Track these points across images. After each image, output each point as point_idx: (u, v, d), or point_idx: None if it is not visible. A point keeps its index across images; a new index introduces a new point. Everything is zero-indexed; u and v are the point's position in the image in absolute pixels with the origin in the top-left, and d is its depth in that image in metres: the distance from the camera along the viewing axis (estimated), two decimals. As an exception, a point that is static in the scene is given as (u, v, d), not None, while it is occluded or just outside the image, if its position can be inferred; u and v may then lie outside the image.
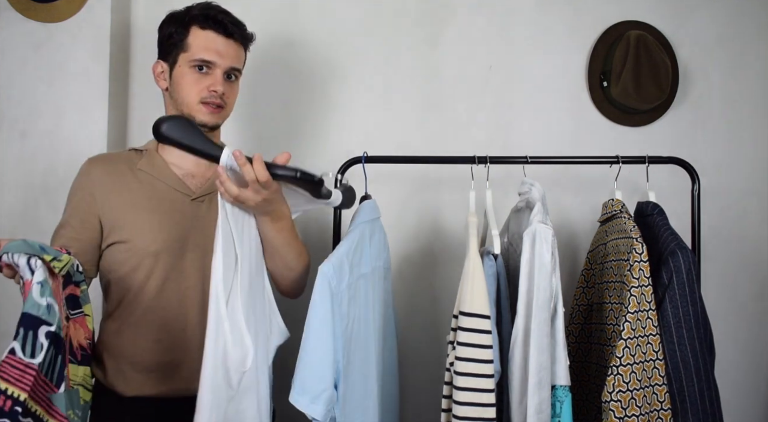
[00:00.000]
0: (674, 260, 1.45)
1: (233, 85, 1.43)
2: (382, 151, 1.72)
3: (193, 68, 1.37)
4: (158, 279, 1.35)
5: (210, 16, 1.37)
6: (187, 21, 1.38)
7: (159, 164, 1.42)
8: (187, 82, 1.37)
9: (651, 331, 1.41)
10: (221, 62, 1.37)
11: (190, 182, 1.42)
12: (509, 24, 2.08)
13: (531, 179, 1.53)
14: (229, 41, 1.39)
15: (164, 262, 1.35)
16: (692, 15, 2.11)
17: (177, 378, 1.34)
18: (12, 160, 1.83)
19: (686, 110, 2.10)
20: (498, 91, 2.06)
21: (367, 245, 1.45)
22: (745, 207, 2.09)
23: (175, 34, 1.39)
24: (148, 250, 1.34)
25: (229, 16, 1.40)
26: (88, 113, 1.86)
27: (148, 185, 1.39)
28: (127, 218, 1.36)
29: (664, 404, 1.42)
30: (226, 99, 1.40)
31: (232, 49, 1.39)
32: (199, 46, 1.37)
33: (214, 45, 1.37)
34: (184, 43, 1.38)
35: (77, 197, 1.39)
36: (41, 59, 1.85)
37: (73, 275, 1.21)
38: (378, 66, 2.05)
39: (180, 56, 1.38)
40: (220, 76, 1.38)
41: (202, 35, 1.37)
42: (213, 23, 1.37)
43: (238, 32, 1.40)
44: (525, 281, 1.39)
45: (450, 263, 1.97)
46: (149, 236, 1.35)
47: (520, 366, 1.38)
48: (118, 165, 1.41)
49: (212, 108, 1.38)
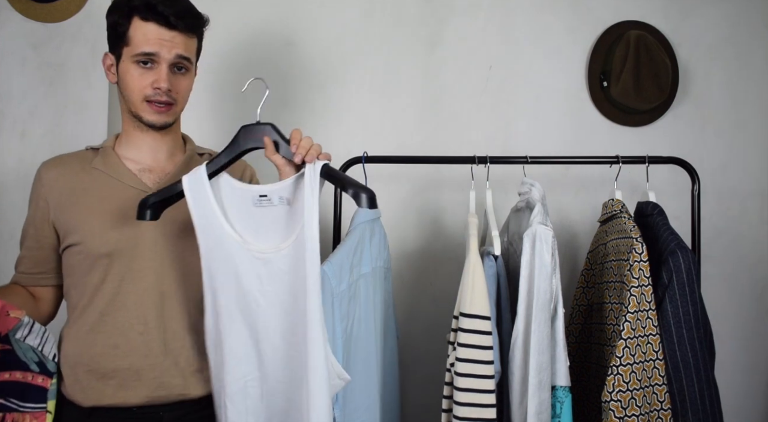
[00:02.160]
0: (674, 259, 1.45)
1: (183, 77, 1.31)
2: (382, 151, 1.72)
3: (136, 63, 1.27)
4: (114, 281, 1.28)
5: (151, 6, 1.25)
6: (128, 11, 1.27)
7: (113, 161, 1.34)
8: (131, 77, 1.28)
9: (651, 331, 1.42)
10: (165, 54, 1.26)
11: (146, 177, 1.34)
12: (509, 24, 2.08)
13: (531, 179, 1.53)
14: (173, 33, 1.27)
15: (119, 263, 1.28)
16: (692, 15, 2.11)
17: (137, 384, 1.26)
18: (12, 160, 1.83)
19: (686, 110, 2.10)
20: (498, 91, 2.06)
21: (367, 245, 1.45)
22: (745, 207, 2.09)
23: (117, 24, 1.28)
24: (100, 251, 1.27)
25: (174, 6, 1.27)
26: (88, 113, 1.85)
27: (102, 183, 1.32)
28: (78, 220, 1.29)
29: (664, 404, 1.42)
30: (175, 95, 1.30)
31: (177, 41, 1.27)
32: (141, 39, 1.25)
33: (157, 38, 1.25)
34: (126, 36, 1.27)
35: (32, 204, 1.35)
36: (41, 59, 1.85)
37: (46, 362, 1.19)
38: (378, 66, 2.05)
39: (123, 50, 1.28)
40: (164, 70, 1.27)
41: (143, 28, 1.25)
42: (154, 14, 1.25)
43: (182, 24, 1.27)
44: (525, 282, 1.39)
45: (450, 263, 1.97)
46: (101, 237, 1.27)
47: (520, 367, 1.38)
48: (71, 166, 1.35)
49: (158, 107, 1.28)
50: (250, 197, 1.22)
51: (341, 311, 1.28)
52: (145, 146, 1.36)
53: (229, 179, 1.24)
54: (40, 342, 1.20)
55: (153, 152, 1.36)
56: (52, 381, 1.19)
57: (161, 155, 1.37)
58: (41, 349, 1.20)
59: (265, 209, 1.21)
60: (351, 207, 1.57)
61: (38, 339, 1.20)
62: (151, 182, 1.34)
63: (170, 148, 1.39)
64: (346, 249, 1.36)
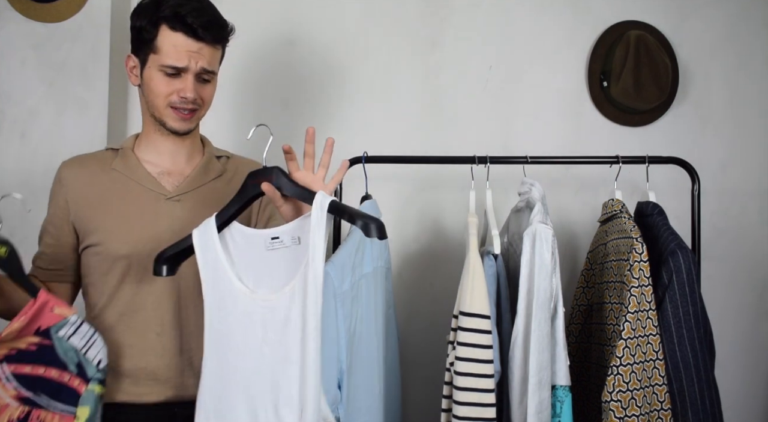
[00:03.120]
0: (674, 259, 1.45)
1: (207, 86, 1.34)
2: (382, 151, 1.72)
3: (163, 72, 1.29)
4: (132, 283, 1.31)
5: (180, 17, 1.26)
6: (156, 19, 1.27)
7: (132, 163, 1.36)
8: (156, 84, 1.29)
9: (651, 331, 1.42)
10: (193, 66, 1.28)
11: (165, 180, 1.36)
12: (509, 24, 2.08)
13: (531, 179, 1.53)
14: (201, 44, 1.28)
15: (137, 265, 1.30)
16: (692, 15, 2.11)
17: (152, 383, 1.30)
18: (12, 160, 1.83)
19: (686, 110, 2.10)
20: (498, 91, 2.06)
21: (368, 245, 1.45)
22: (745, 207, 2.09)
23: (144, 30, 1.29)
24: (119, 253, 1.30)
25: (202, 16, 1.28)
26: (88, 112, 1.85)
27: (121, 185, 1.34)
28: (98, 221, 1.32)
29: (664, 404, 1.42)
30: (200, 102, 1.32)
31: (204, 52, 1.29)
32: (169, 50, 1.27)
33: (185, 48, 1.27)
34: (153, 43, 1.28)
35: (52, 203, 1.37)
36: (41, 59, 1.85)
37: (86, 366, 1.18)
38: (378, 66, 2.05)
39: (150, 57, 1.29)
40: (191, 80, 1.29)
41: (171, 38, 1.27)
42: (183, 26, 1.26)
43: (210, 36, 1.29)
44: (525, 281, 1.39)
45: (450, 263, 1.96)
46: (120, 239, 1.30)
47: (520, 366, 1.38)
48: (90, 167, 1.37)
49: (183, 114, 1.31)
50: (262, 241, 1.16)
51: (344, 311, 1.29)
52: (166, 150, 1.37)
53: (240, 227, 1.19)
54: (85, 345, 1.19)
55: (173, 156, 1.38)
56: (87, 387, 1.18)
57: (180, 158, 1.39)
58: (84, 352, 1.19)
59: (277, 251, 1.15)
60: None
61: (83, 341, 1.19)
62: (169, 186, 1.36)
63: (189, 151, 1.40)
64: (348, 249, 1.36)
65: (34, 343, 1.16)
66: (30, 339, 1.16)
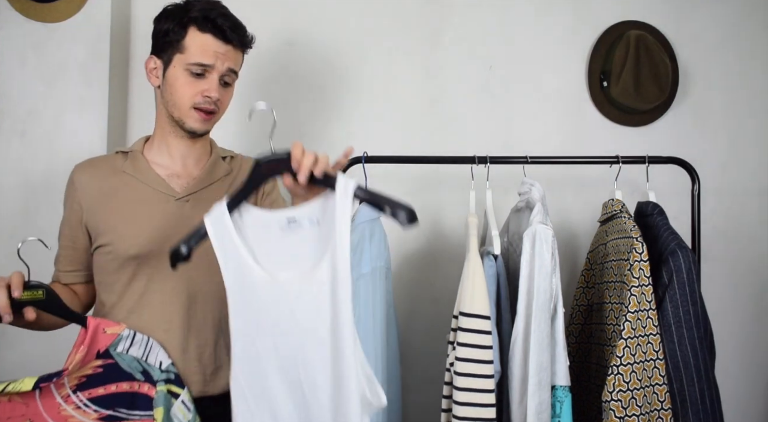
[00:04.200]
0: (674, 259, 1.45)
1: (228, 90, 1.38)
2: (382, 151, 1.72)
3: (189, 72, 1.32)
4: (141, 281, 1.33)
5: (210, 18, 1.31)
6: (185, 21, 1.32)
7: (142, 166, 1.39)
8: (181, 84, 1.33)
9: (651, 331, 1.42)
10: (219, 66, 1.33)
11: (174, 182, 1.39)
12: (509, 24, 2.08)
13: (531, 179, 1.53)
14: (228, 47, 1.33)
15: (147, 265, 1.33)
16: (692, 15, 2.11)
17: None
18: (12, 160, 1.83)
19: (686, 110, 2.10)
20: (498, 91, 2.06)
21: (367, 245, 1.45)
22: (745, 207, 2.09)
23: (171, 32, 1.32)
24: (128, 253, 1.32)
25: (230, 20, 1.34)
26: (88, 112, 1.85)
27: (131, 187, 1.37)
28: (108, 223, 1.34)
29: (664, 403, 1.42)
30: (220, 105, 1.36)
31: (230, 55, 1.34)
32: (197, 49, 1.31)
33: (213, 48, 1.32)
34: (180, 44, 1.32)
35: (66, 206, 1.41)
36: (41, 59, 1.85)
37: (151, 371, 1.24)
38: (378, 66, 2.05)
39: (175, 57, 1.33)
40: (216, 81, 1.33)
41: (200, 38, 1.31)
42: (212, 27, 1.31)
43: (237, 38, 1.34)
44: (525, 281, 1.40)
45: (450, 263, 1.97)
46: (129, 239, 1.32)
47: (520, 367, 1.38)
48: (102, 169, 1.40)
49: (204, 114, 1.34)
50: (276, 222, 1.14)
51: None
52: (177, 152, 1.40)
53: (251, 209, 1.17)
54: (144, 352, 1.26)
55: (183, 158, 1.41)
56: (156, 389, 1.23)
57: (190, 160, 1.41)
58: (146, 358, 1.26)
59: (296, 234, 1.13)
60: (351, 207, 1.57)
61: (141, 348, 1.26)
62: (178, 187, 1.38)
63: (200, 153, 1.43)
64: (347, 249, 1.36)
65: (99, 366, 1.22)
66: (94, 363, 1.22)
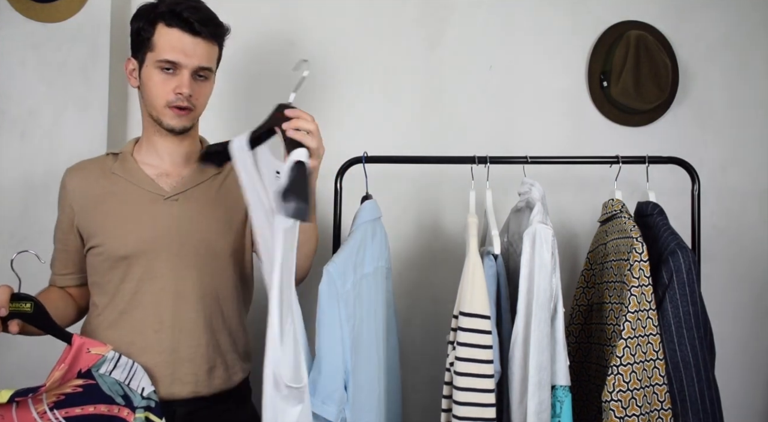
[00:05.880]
0: (674, 259, 1.45)
1: (203, 85, 1.36)
2: (382, 151, 1.72)
3: (159, 69, 1.31)
4: (132, 282, 1.33)
5: (176, 12, 1.29)
6: (153, 18, 1.30)
7: (131, 166, 1.39)
8: (154, 83, 1.32)
9: (651, 331, 1.42)
10: (188, 62, 1.30)
11: (163, 181, 1.39)
12: (509, 24, 2.08)
13: (531, 179, 1.53)
14: (197, 40, 1.30)
15: (137, 265, 1.33)
16: (692, 15, 2.11)
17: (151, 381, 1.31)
18: (12, 160, 1.83)
19: (686, 110, 2.10)
20: (498, 91, 2.06)
21: (369, 245, 1.45)
22: (745, 207, 2.09)
23: (142, 30, 1.32)
24: (119, 253, 1.33)
25: (198, 13, 1.31)
26: (88, 112, 1.85)
27: (121, 188, 1.38)
28: (99, 224, 1.35)
29: (664, 404, 1.42)
30: (195, 101, 1.34)
31: (200, 48, 1.31)
32: (164, 46, 1.29)
33: (180, 44, 1.29)
34: (150, 41, 1.31)
35: (59, 209, 1.42)
36: (41, 59, 1.85)
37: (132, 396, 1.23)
38: (378, 66, 2.05)
39: (147, 55, 1.32)
40: (187, 77, 1.31)
41: (168, 34, 1.29)
42: (179, 21, 1.29)
43: (206, 31, 1.31)
44: (525, 281, 1.39)
45: (450, 263, 1.97)
46: (119, 240, 1.33)
47: (520, 366, 1.38)
48: (92, 172, 1.41)
49: (179, 111, 1.33)
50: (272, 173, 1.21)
51: (347, 312, 1.29)
52: (164, 151, 1.40)
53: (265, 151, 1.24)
54: (127, 377, 1.25)
55: (171, 157, 1.41)
56: (135, 415, 1.22)
57: (178, 159, 1.42)
58: (128, 383, 1.25)
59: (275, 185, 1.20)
60: (351, 208, 1.57)
61: (125, 373, 1.25)
62: (167, 186, 1.38)
63: (188, 152, 1.43)
64: (349, 249, 1.36)
65: (79, 385, 1.21)
66: (74, 382, 1.21)
